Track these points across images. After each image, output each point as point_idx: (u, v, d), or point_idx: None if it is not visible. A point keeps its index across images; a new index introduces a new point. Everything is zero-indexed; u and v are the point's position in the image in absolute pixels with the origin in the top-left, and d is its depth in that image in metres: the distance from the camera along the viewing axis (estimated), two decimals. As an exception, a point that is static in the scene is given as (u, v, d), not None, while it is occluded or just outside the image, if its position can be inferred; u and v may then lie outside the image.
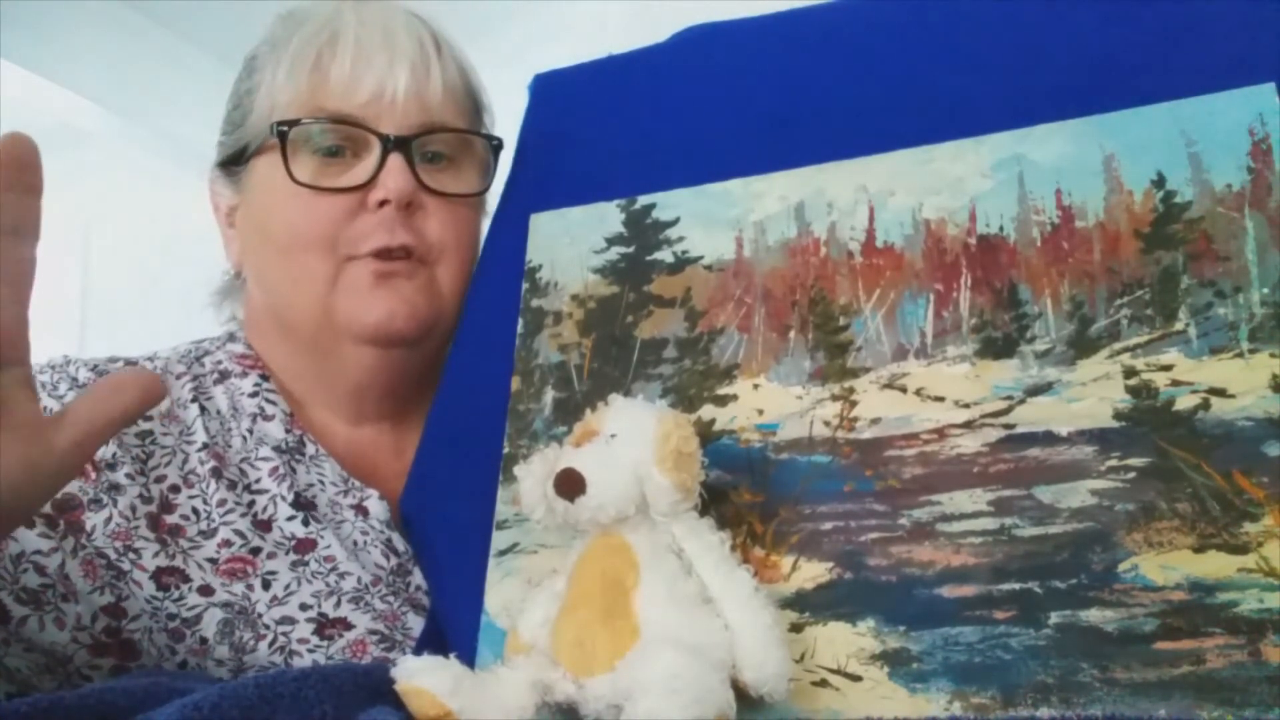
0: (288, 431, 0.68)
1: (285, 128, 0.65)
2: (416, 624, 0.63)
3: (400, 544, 0.67)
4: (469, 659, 0.51)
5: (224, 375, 0.70)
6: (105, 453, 0.60)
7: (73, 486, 0.58)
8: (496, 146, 0.72)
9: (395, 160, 0.65)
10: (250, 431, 0.67)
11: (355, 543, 0.65)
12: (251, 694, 0.39)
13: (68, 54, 2.93)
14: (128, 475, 0.60)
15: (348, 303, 0.65)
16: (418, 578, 0.66)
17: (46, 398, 0.61)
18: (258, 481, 0.65)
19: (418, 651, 0.53)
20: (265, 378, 0.71)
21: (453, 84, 0.69)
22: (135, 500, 0.60)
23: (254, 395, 0.69)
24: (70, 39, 2.90)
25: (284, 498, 0.65)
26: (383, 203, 0.65)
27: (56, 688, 0.55)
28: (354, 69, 0.65)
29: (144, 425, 0.64)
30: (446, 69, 0.69)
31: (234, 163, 0.70)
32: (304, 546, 0.64)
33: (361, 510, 0.67)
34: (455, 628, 0.58)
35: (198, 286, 0.78)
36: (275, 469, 0.66)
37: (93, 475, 0.59)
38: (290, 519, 0.64)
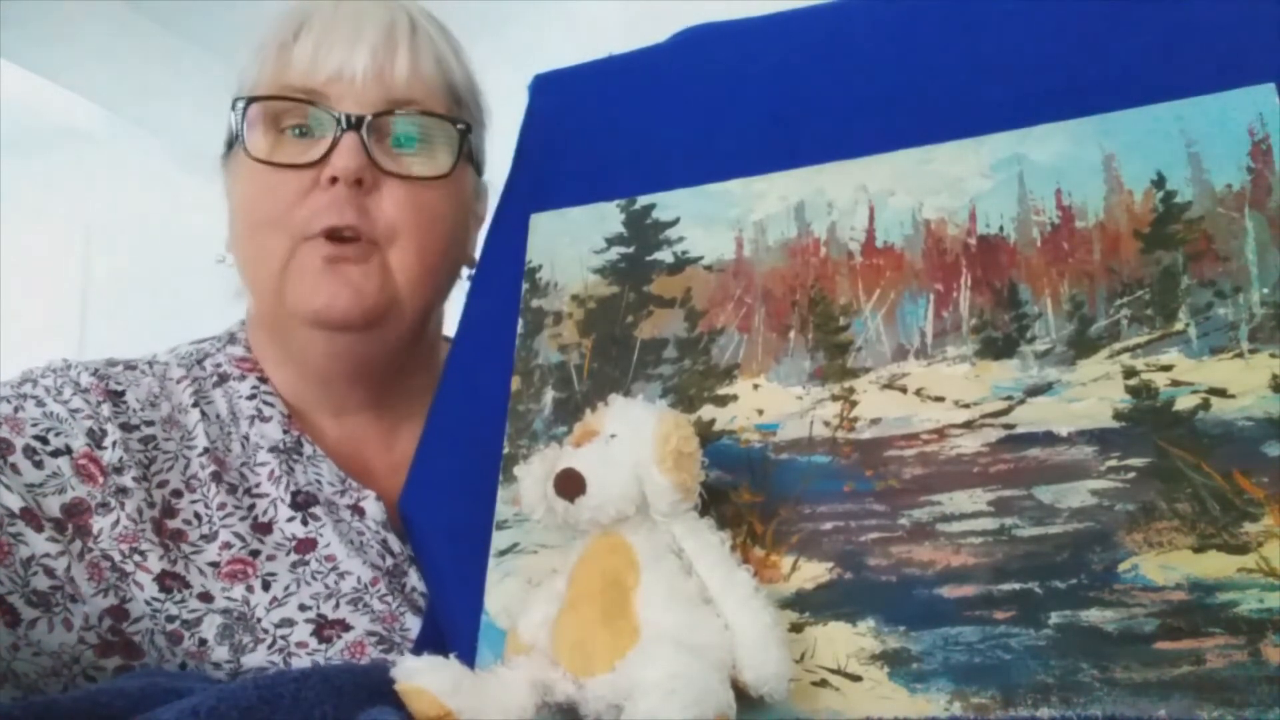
0: (285, 432, 0.69)
1: (245, 104, 0.66)
2: (414, 625, 0.63)
3: (396, 545, 0.67)
4: (469, 659, 0.51)
5: (223, 378, 0.70)
6: (112, 456, 0.60)
7: (81, 490, 0.58)
8: (462, 131, 0.70)
9: (349, 138, 0.64)
10: (248, 437, 0.67)
11: (353, 542, 0.66)
12: (251, 695, 0.39)
13: (68, 54, 2.93)
14: (134, 479, 0.61)
15: (295, 286, 0.65)
16: (414, 579, 0.66)
17: (52, 402, 0.61)
18: (257, 486, 0.65)
19: (416, 652, 0.53)
20: (263, 380, 0.71)
21: (423, 68, 0.68)
22: (141, 504, 0.60)
23: (251, 398, 0.69)
24: (70, 39, 2.90)
25: (283, 499, 0.65)
26: (333, 180, 0.64)
27: (61, 691, 0.55)
28: (316, 50, 0.65)
29: (146, 430, 0.64)
30: (418, 53, 0.68)
31: (228, 150, 0.71)
32: (304, 546, 0.64)
33: (358, 511, 0.67)
34: (455, 628, 0.58)
35: (198, 286, 0.78)
36: (273, 472, 0.66)
37: (100, 479, 0.59)
38: (290, 520, 0.64)
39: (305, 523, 0.64)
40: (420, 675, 0.44)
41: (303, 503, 0.65)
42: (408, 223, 0.67)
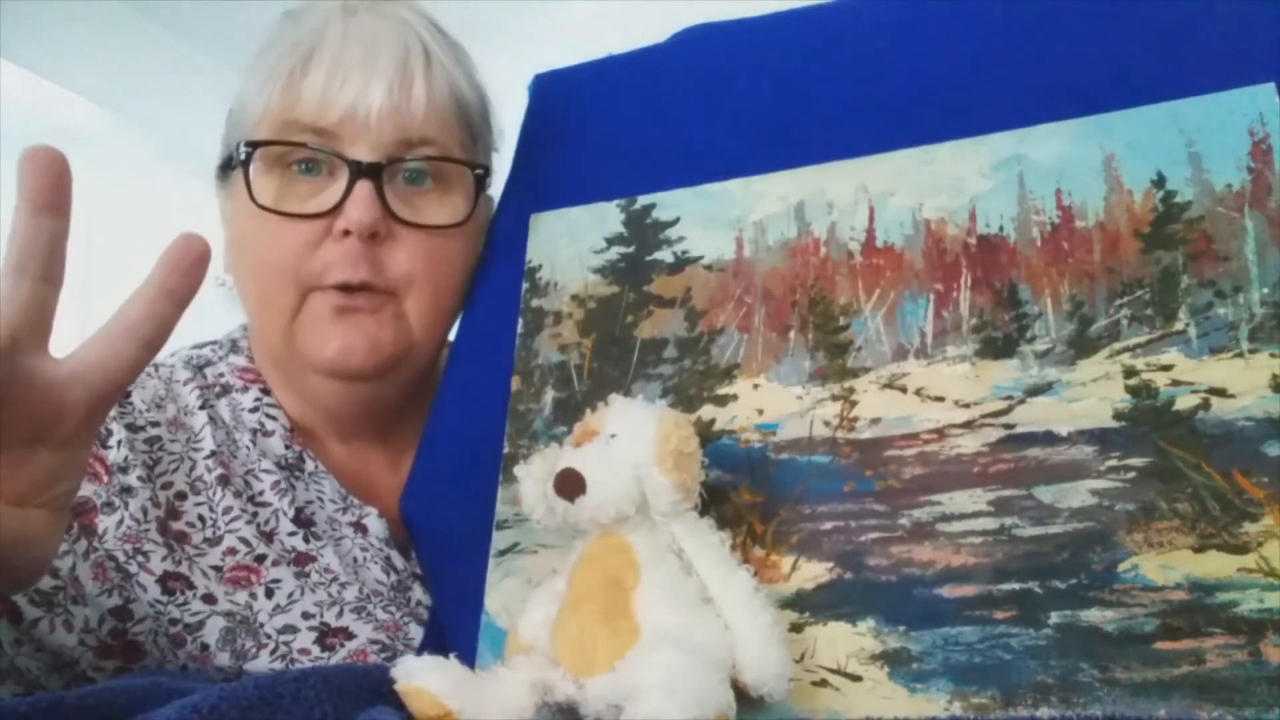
0: (288, 448, 0.68)
1: (250, 148, 0.63)
2: (418, 635, 0.62)
3: (399, 561, 0.67)
4: (469, 659, 0.51)
5: (226, 389, 0.69)
6: (117, 455, 0.60)
7: (86, 489, 0.58)
8: (479, 175, 0.67)
9: (363, 188, 0.61)
10: (253, 444, 0.67)
11: (355, 559, 0.65)
12: (251, 694, 0.39)
13: (68, 54, 2.92)
14: (139, 478, 0.60)
15: (307, 335, 0.63)
16: (418, 593, 0.66)
17: None
18: (261, 494, 0.65)
19: (418, 653, 0.53)
20: (266, 391, 0.70)
21: (439, 102, 0.65)
22: (146, 503, 0.60)
23: (254, 410, 0.68)
24: (70, 39, 2.90)
25: (285, 513, 0.64)
26: (346, 232, 0.61)
27: (63, 688, 0.55)
28: (327, 84, 0.62)
29: (152, 431, 0.63)
30: (434, 86, 0.64)
31: (226, 168, 0.69)
32: (304, 559, 0.63)
33: (360, 528, 0.67)
34: (455, 628, 0.58)
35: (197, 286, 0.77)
36: (277, 483, 0.65)
37: (105, 478, 0.59)
38: (291, 535, 0.64)
39: (306, 540, 0.64)
40: (420, 675, 0.44)
41: (303, 522, 0.65)
42: (422, 272, 0.64)
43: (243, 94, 0.66)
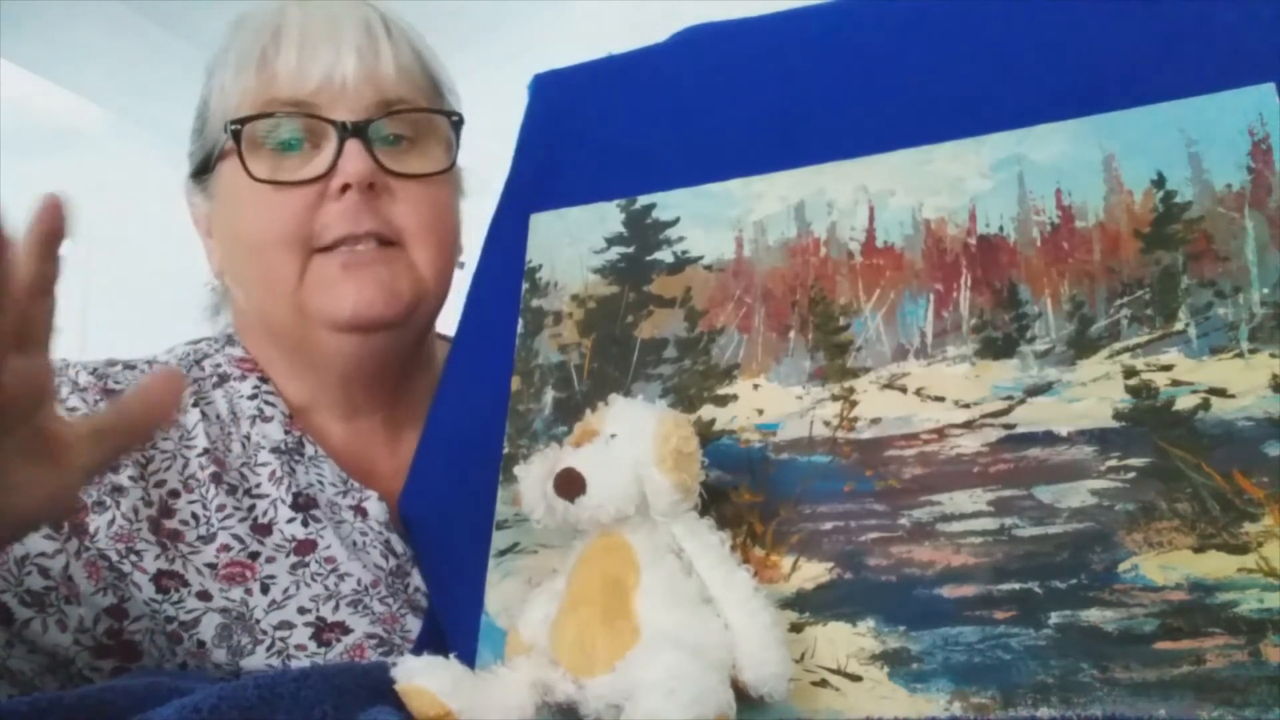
0: (287, 433, 0.68)
1: (238, 125, 0.65)
2: (415, 626, 0.63)
3: (399, 545, 0.67)
4: (469, 659, 0.51)
5: (223, 379, 0.70)
6: None
7: None
8: (456, 123, 0.70)
9: (353, 145, 0.63)
10: (248, 437, 0.67)
11: (355, 543, 0.65)
12: (251, 694, 0.39)
13: (68, 54, 2.93)
14: (130, 478, 0.60)
15: (317, 296, 0.65)
16: (416, 579, 0.66)
17: None
18: (257, 486, 0.65)
19: (417, 652, 0.53)
20: (264, 380, 0.70)
21: (406, 64, 0.68)
22: (137, 503, 0.60)
23: (253, 398, 0.69)
24: (70, 39, 2.90)
25: (283, 500, 0.65)
26: (344, 189, 0.63)
27: (59, 689, 0.55)
28: (300, 60, 0.64)
29: None
30: (399, 49, 0.67)
31: (203, 171, 0.70)
32: (304, 548, 0.64)
33: (360, 511, 0.67)
34: (455, 628, 0.58)
35: (198, 287, 0.78)
36: (274, 472, 0.66)
37: (96, 478, 0.59)
38: (290, 521, 0.64)
39: (306, 524, 0.64)
40: (420, 675, 0.44)
41: (304, 504, 0.65)
42: (424, 221, 0.67)
43: (211, 91, 0.69)
